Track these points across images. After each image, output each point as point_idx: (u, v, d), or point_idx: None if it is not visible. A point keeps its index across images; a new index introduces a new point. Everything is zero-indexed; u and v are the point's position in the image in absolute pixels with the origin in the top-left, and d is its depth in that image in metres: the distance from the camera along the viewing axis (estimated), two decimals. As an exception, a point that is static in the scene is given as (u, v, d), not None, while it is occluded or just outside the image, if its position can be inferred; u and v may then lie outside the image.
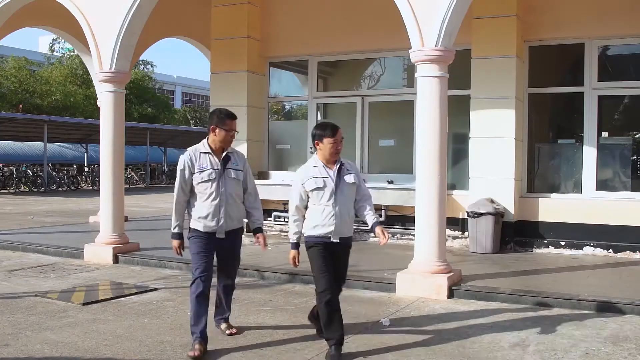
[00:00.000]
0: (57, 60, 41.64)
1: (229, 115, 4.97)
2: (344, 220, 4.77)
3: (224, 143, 4.96)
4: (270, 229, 11.53)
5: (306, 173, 4.83)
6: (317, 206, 4.78)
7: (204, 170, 4.87)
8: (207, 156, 4.93)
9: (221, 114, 4.97)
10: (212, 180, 4.87)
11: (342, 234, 4.81)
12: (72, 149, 34.01)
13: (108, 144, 9.19)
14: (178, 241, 4.98)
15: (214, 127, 4.91)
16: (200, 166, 4.88)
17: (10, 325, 5.55)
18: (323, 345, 5.02)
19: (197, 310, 4.83)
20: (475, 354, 4.86)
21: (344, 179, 4.79)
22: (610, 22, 9.32)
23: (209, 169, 4.88)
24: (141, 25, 9.18)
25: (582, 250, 9.28)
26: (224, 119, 4.93)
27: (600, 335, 5.36)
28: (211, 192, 4.88)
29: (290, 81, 12.94)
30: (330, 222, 4.74)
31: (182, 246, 4.99)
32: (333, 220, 4.73)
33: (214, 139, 4.95)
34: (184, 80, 71.25)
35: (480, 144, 9.70)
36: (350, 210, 4.87)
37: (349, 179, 4.80)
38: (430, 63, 6.91)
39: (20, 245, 10.02)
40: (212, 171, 4.88)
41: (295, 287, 7.32)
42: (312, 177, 4.77)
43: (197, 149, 4.97)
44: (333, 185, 4.75)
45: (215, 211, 4.89)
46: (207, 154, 4.94)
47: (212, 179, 4.87)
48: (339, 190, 4.75)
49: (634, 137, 10.30)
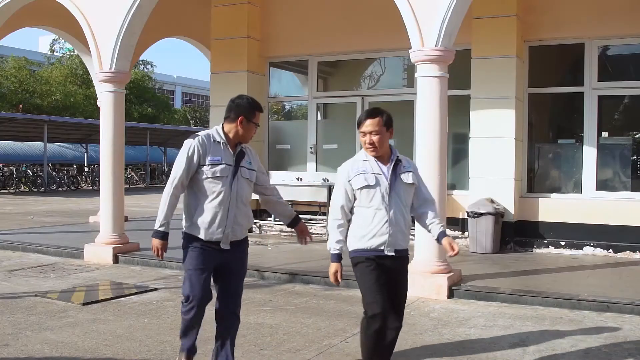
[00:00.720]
0: (57, 60, 41.67)
1: (259, 107, 4.11)
2: (399, 228, 3.86)
3: (245, 138, 4.09)
4: (271, 229, 11.54)
5: (354, 167, 3.92)
6: (366, 210, 3.87)
7: (217, 164, 3.93)
8: (221, 147, 3.99)
9: (251, 104, 4.05)
10: (224, 178, 3.95)
11: (398, 246, 3.90)
12: (72, 149, 34.02)
13: (108, 144, 9.19)
14: (161, 242, 4.01)
15: (242, 117, 3.99)
16: (213, 158, 3.94)
17: (10, 325, 5.55)
18: (323, 345, 5.02)
19: (188, 326, 4.11)
20: (475, 354, 4.86)
21: (401, 178, 3.91)
22: (610, 22, 9.32)
23: (223, 163, 3.95)
24: (141, 25, 9.18)
25: (582, 250, 9.28)
26: (254, 110, 4.05)
27: (600, 335, 5.36)
28: (220, 191, 3.94)
29: (290, 81, 12.94)
30: (383, 230, 3.83)
31: (165, 248, 4.05)
32: (387, 228, 3.83)
33: (236, 131, 4.02)
34: (184, 80, 71.30)
35: (480, 144, 9.70)
36: (407, 217, 3.96)
37: (406, 178, 3.92)
38: (430, 63, 6.91)
39: (20, 245, 10.02)
40: (225, 167, 3.96)
41: (296, 287, 7.32)
42: (361, 173, 3.88)
43: (211, 136, 4.00)
44: (387, 184, 3.86)
45: (223, 216, 3.96)
46: (222, 145, 4.01)
47: (225, 176, 3.95)
48: (393, 190, 3.87)
49: (634, 137, 10.30)
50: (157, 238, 4.02)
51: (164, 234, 4.02)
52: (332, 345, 5.05)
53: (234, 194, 3.99)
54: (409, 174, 3.94)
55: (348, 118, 11.57)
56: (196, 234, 3.98)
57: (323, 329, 5.51)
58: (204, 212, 3.96)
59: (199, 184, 3.95)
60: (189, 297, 4.02)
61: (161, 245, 4.02)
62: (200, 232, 3.97)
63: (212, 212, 3.94)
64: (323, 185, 10.66)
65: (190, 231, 4.02)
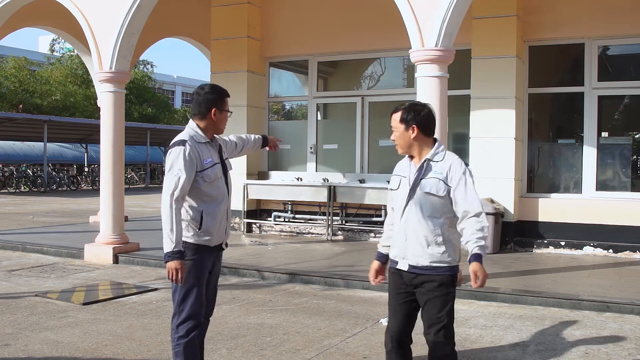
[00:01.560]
0: (57, 60, 41.63)
1: (226, 92, 3.86)
2: (416, 240, 3.36)
3: (221, 130, 3.84)
4: (271, 229, 11.54)
5: (397, 167, 3.57)
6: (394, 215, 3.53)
7: (211, 165, 3.73)
8: (207, 147, 3.77)
9: (219, 92, 3.81)
10: (219, 178, 3.78)
11: (413, 262, 3.39)
12: (72, 149, 34.00)
13: (108, 144, 9.19)
14: (181, 262, 3.58)
15: (214, 109, 3.74)
16: (206, 161, 3.71)
17: (10, 325, 5.55)
18: (323, 345, 5.02)
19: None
20: (475, 354, 4.86)
21: (422, 183, 3.36)
22: (610, 22, 9.32)
23: (216, 163, 3.77)
24: (141, 25, 9.18)
25: (582, 250, 9.28)
26: (223, 97, 3.81)
27: (600, 335, 5.36)
28: (220, 192, 3.79)
29: (290, 81, 12.95)
30: (400, 240, 3.44)
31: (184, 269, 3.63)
32: (401, 238, 3.43)
33: (212, 125, 3.78)
34: (184, 80, 71.24)
35: (480, 144, 9.70)
36: (426, 230, 3.34)
37: (426, 186, 3.34)
38: (430, 63, 6.91)
39: (20, 245, 10.02)
40: (218, 166, 3.78)
41: (296, 287, 7.32)
42: (395, 174, 3.55)
43: (194, 139, 3.72)
44: (408, 189, 3.40)
45: (224, 215, 3.81)
46: (207, 145, 3.78)
47: (219, 176, 3.78)
48: (412, 197, 3.37)
49: (634, 137, 10.30)
50: (177, 259, 3.55)
51: (182, 254, 3.59)
52: (332, 345, 5.05)
53: (229, 191, 3.88)
54: (434, 180, 3.33)
55: (348, 118, 11.58)
56: (206, 243, 3.73)
57: (323, 329, 5.51)
58: (211, 216, 3.72)
59: (199, 190, 3.69)
60: (190, 318, 3.68)
61: (182, 265, 3.57)
62: (212, 238, 3.75)
63: (219, 215, 3.76)
64: (323, 185, 10.66)
65: (198, 241, 3.70)
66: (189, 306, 3.67)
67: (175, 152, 3.63)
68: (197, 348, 3.78)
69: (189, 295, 3.68)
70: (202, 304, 3.75)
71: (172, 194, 3.58)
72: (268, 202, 11.66)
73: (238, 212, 11.28)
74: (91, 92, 34.44)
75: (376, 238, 10.26)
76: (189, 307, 3.67)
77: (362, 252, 9.15)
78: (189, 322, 3.67)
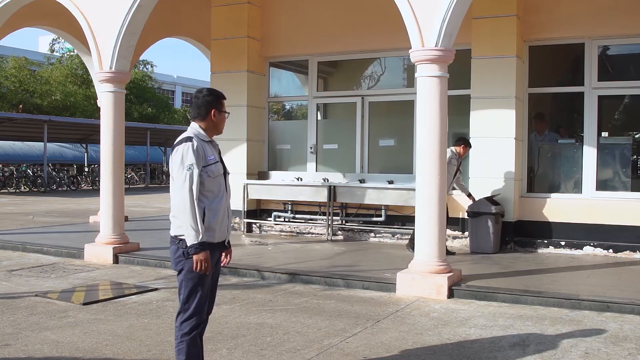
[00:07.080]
0: (57, 60, 41.62)
1: (223, 95, 4.07)
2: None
3: (220, 130, 4.04)
4: (271, 228, 11.54)
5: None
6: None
7: (214, 162, 3.89)
8: (209, 146, 3.94)
9: (217, 95, 3.99)
10: (220, 176, 3.92)
11: None
12: (72, 149, 34.01)
13: (108, 144, 9.19)
14: (206, 252, 3.72)
15: (213, 110, 3.93)
16: (210, 157, 3.87)
17: (10, 325, 5.55)
18: (323, 345, 5.03)
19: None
20: (475, 354, 4.86)
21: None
22: (610, 22, 9.32)
23: (218, 161, 3.93)
24: (141, 26, 9.18)
25: (582, 250, 9.28)
26: (221, 99, 4.00)
27: (600, 335, 5.36)
28: (222, 188, 3.92)
29: (290, 81, 12.94)
30: None
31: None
32: None
33: (212, 125, 3.96)
34: (184, 80, 71.22)
35: (480, 144, 9.70)
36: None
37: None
38: (430, 63, 6.91)
39: (20, 245, 10.02)
40: (219, 164, 3.94)
41: (296, 287, 7.32)
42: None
43: (199, 137, 3.89)
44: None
45: (225, 212, 3.94)
46: (209, 144, 3.95)
47: (220, 173, 3.93)
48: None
49: (634, 137, 10.30)
50: (203, 250, 3.69)
51: (206, 245, 3.72)
52: (332, 345, 5.05)
53: (228, 188, 4.01)
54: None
55: (348, 118, 11.58)
56: (210, 239, 3.79)
57: (323, 329, 5.51)
58: (214, 212, 3.82)
59: (203, 186, 3.79)
60: (194, 315, 3.77)
61: (207, 256, 3.71)
62: (215, 234, 3.83)
63: (221, 211, 3.87)
64: (323, 185, 10.66)
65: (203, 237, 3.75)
66: (194, 304, 3.77)
67: (183, 148, 3.77)
68: (199, 345, 3.85)
69: (194, 293, 3.78)
70: (206, 302, 3.84)
71: (190, 188, 3.71)
72: (268, 202, 11.66)
73: (238, 212, 11.28)
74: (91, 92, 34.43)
75: (376, 238, 10.30)
76: (194, 305, 3.77)
77: (362, 252, 9.15)
78: (193, 319, 3.78)
